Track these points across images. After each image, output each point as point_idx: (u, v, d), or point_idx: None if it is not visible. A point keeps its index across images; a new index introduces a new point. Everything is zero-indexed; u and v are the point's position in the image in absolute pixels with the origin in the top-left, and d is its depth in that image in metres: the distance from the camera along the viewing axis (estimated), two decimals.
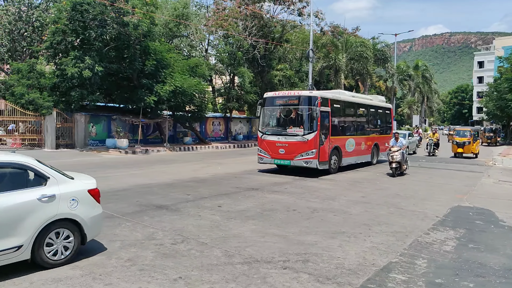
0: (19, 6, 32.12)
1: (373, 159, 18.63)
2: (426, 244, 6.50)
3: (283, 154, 14.05)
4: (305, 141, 13.55)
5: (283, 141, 14.03)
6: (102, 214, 5.76)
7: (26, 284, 4.50)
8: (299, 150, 13.67)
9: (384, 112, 20.53)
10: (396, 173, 14.36)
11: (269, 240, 6.39)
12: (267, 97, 14.94)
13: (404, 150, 14.79)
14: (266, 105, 14.79)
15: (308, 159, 13.59)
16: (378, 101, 20.66)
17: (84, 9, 21.01)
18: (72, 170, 14.28)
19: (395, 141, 14.95)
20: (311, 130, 13.57)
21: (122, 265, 5.15)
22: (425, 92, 66.17)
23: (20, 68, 23.21)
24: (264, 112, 14.87)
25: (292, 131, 13.90)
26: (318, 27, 37.98)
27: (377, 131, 19.38)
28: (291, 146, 13.85)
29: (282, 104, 14.65)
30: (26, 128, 23.29)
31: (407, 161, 15.30)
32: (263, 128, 14.83)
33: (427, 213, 8.78)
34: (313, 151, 13.54)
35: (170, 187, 11.25)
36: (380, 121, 20.01)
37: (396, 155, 14.29)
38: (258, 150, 14.87)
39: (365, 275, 5.09)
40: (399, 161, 14.26)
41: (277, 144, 14.14)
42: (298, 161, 13.80)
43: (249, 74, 31.67)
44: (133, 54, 22.96)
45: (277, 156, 14.20)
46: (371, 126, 18.89)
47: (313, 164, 13.62)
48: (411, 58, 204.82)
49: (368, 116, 18.66)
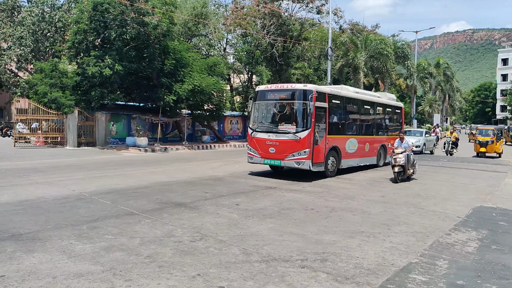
0: (43, 7, 32.90)
1: (380, 161, 17.35)
2: (447, 245, 6.39)
3: (274, 153, 12.79)
4: (297, 140, 12.30)
5: (274, 139, 12.79)
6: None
7: (49, 279, 4.60)
8: (291, 149, 12.43)
9: (393, 111, 19.13)
10: (398, 178, 12.75)
11: (287, 239, 6.38)
12: (259, 90, 13.74)
13: (410, 152, 13.17)
14: (258, 100, 13.56)
15: (300, 159, 12.34)
16: (387, 98, 19.33)
17: (105, 8, 21.35)
18: (93, 168, 14.60)
19: (400, 142, 13.30)
20: (305, 127, 12.31)
21: (141, 262, 5.22)
22: (447, 90, 64.90)
23: (43, 68, 23.76)
24: (256, 107, 13.65)
25: (284, 128, 12.65)
26: (337, 25, 37.75)
27: (385, 131, 18.06)
28: (282, 144, 12.62)
29: (274, 98, 13.36)
30: (49, 127, 23.83)
31: (414, 165, 13.55)
32: (254, 124, 13.56)
33: (448, 213, 8.63)
34: (306, 151, 12.30)
35: (189, 185, 11.34)
36: (388, 120, 18.61)
37: (399, 158, 12.69)
38: (248, 149, 13.69)
39: (385, 275, 5.03)
40: (402, 164, 12.66)
41: (268, 142, 12.91)
42: (289, 162, 12.56)
43: (267, 73, 31.65)
44: (152, 53, 23.23)
45: (267, 155, 12.96)
46: (378, 125, 17.48)
47: (306, 165, 12.36)
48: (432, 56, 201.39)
49: (375, 115, 17.22)
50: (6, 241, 5.91)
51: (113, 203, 8.65)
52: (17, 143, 22.79)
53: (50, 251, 5.51)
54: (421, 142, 24.65)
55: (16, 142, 22.86)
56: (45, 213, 7.62)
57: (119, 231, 6.54)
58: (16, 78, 36.55)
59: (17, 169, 13.88)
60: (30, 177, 12.03)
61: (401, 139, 13.28)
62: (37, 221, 7.02)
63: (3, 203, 8.37)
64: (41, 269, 4.87)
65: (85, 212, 7.80)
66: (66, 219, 7.19)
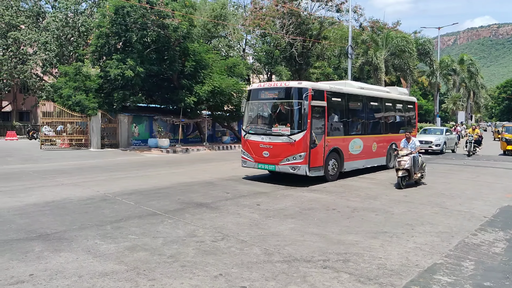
0: (66, 12, 33.70)
1: (390, 162, 15.75)
2: (474, 245, 6.24)
3: (268, 157, 11.76)
4: (292, 142, 11.24)
5: (268, 142, 11.76)
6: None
7: (75, 278, 4.71)
8: (285, 153, 11.39)
9: (405, 106, 17.29)
10: (403, 183, 11.32)
11: (308, 239, 6.35)
12: (252, 89, 12.76)
13: (417, 154, 11.66)
14: (251, 99, 12.59)
15: (296, 164, 11.27)
16: (397, 93, 17.52)
17: (126, 12, 21.72)
18: (116, 169, 14.86)
19: (406, 142, 11.87)
20: (300, 128, 11.22)
21: (164, 261, 5.29)
22: (471, 87, 63.38)
23: (67, 71, 24.32)
24: (249, 107, 12.68)
25: (278, 130, 11.61)
26: (357, 23, 37.43)
27: (396, 129, 16.36)
28: (276, 148, 11.59)
29: (267, 98, 12.31)
30: (73, 129, 24.38)
31: (423, 168, 12.12)
32: (247, 126, 12.57)
33: (474, 213, 8.43)
34: (302, 155, 11.20)
35: (210, 185, 11.42)
36: (399, 117, 17.01)
37: (404, 161, 11.24)
38: (242, 152, 12.65)
39: (408, 276, 4.95)
40: (407, 168, 11.23)
41: (261, 145, 11.89)
42: (284, 166, 11.51)
43: (286, 73, 31.59)
44: (173, 55, 23.48)
45: (261, 159, 11.92)
46: (387, 123, 15.89)
47: (302, 170, 11.29)
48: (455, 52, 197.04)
49: (383, 112, 15.67)
50: (34, 240, 6.08)
51: (136, 203, 8.79)
52: (43, 145, 23.39)
53: (76, 250, 5.64)
54: (441, 141, 23.30)
55: (42, 145, 23.47)
56: (71, 214, 7.81)
57: (142, 231, 6.64)
58: (42, 82, 37.56)
59: (43, 170, 14.25)
60: (56, 179, 12.34)
61: (408, 139, 11.88)
62: (63, 222, 7.20)
63: (31, 204, 8.62)
64: (68, 268, 5.00)
65: (109, 212, 7.96)
66: (91, 220, 7.35)
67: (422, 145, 21.87)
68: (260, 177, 13.25)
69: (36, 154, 20.22)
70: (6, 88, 38.15)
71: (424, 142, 22.08)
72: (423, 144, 21.83)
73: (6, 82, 37.70)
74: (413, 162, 11.45)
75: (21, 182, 11.69)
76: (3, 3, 34.98)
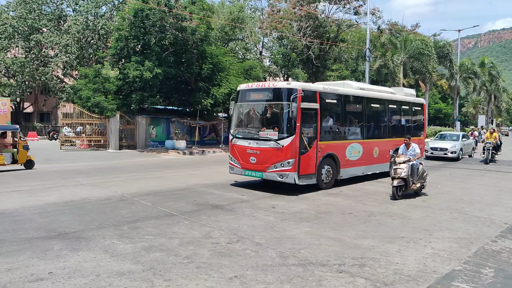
0: (87, 15, 34.36)
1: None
2: (493, 252, 6.11)
3: (254, 163, 10.86)
4: (280, 148, 10.30)
5: (255, 147, 10.83)
6: None
7: (92, 277, 4.79)
8: (273, 160, 10.46)
9: (411, 108, 16.02)
10: (398, 193, 10.10)
11: (324, 243, 6.32)
12: (240, 90, 11.78)
13: (417, 162, 10.46)
14: (239, 101, 11.68)
15: (284, 171, 10.32)
16: (403, 94, 16.23)
17: (145, 14, 22.02)
18: (134, 170, 15.04)
19: (405, 148, 10.70)
20: (288, 133, 10.29)
21: (180, 262, 5.33)
22: (492, 91, 62.13)
23: (87, 74, 24.77)
24: (236, 110, 11.79)
25: (265, 135, 10.68)
26: (375, 25, 37.05)
27: (401, 133, 14.81)
28: (263, 153, 10.66)
29: (255, 99, 11.44)
30: (92, 130, 24.79)
31: (424, 177, 10.83)
32: (235, 130, 11.71)
33: (494, 219, 8.24)
34: (290, 161, 10.25)
35: (226, 187, 11.46)
36: (405, 120, 15.67)
37: (400, 169, 10.03)
38: (229, 158, 11.80)
39: (426, 282, 4.87)
40: (404, 177, 10.00)
41: (248, 150, 10.97)
42: (271, 174, 10.56)
43: (303, 75, 31.52)
44: (190, 58, 23.70)
45: (248, 166, 11.03)
46: (391, 126, 14.74)
47: (290, 178, 10.33)
48: (476, 55, 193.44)
49: (386, 114, 14.48)
50: (53, 239, 6.21)
51: (153, 204, 8.88)
52: (63, 146, 23.84)
53: (93, 250, 5.73)
54: (457, 148, 21.51)
55: (62, 145, 23.93)
56: (89, 213, 7.94)
57: (159, 231, 6.71)
58: (62, 84, 38.30)
59: (63, 171, 14.53)
60: (75, 179, 12.56)
61: (407, 145, 10.73)
62: (81, 221, 7.33)
63: (51, 203, 8.79)
64: (86, 267, 5.08)
65: (127, 213, 8.06)
66: (108, 220, 7.45)
67: (437, 152, 21.27)
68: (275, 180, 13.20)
69: (56, 155, 20.62)
70: (28, 89, 39.03)
71: (439, 149, 21.41)
72: (438, 151, 21.32)
73: (28, 84, 38.57)
74: (411, 171, 10.22)
75: (41, 181, 11.95)
76: (26, 7, 35.83)
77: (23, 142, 14.68)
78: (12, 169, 14.48)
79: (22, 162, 14.67)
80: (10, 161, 14.44)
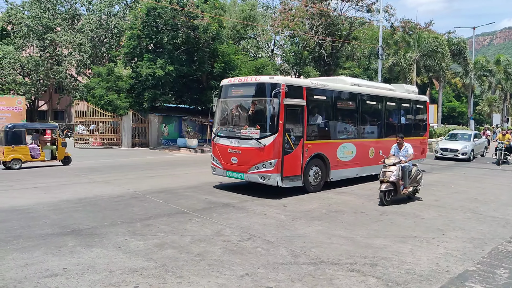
0: (100, 15, 34.71)
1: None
2: (508, 253, 6.02)
3: (236, 164, 10.16)
4: (261, 147, 9.54)
5: (236, 147, 10.13)
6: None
7: (106, 273, 4.85)
8: (254, 160, 9.71)
9: (413, 106, 15.11)
10: (386, 199, 9.13)
11: (335, 242, 6.30)
12: (223, 85, 11.04)
13: (409, 164, 9.56)
14: (222, 97, 10.96)
15: (265, 172, 9.56)
16: (404, 91, 15.35)
17: (158, 13, 22.16)
18: (146, 168, 15.15)
19: (398, 148, 9.86)
20: (271, 131, 9.51)
21: (192, 259, 5.36)
22: (507, 89, 60.92)
23: (100, 72, 25.05)
24: (220, 106, 11.08)
25: (246, 133, 9.95)
26: (388, 23, 36.73)
27: (401, 132, 12.70)
28: (245, 153, 9.93)
29: (238, 95, 10.71)
30: (106, 128, 25.06)
31: (418, 181, 9.87)
32: (218, 128, 11.01)
33: (509, 219, 8.12)
34: (272, 162, 9.48)
35: (236, 185, 11.48)
36: (405, 118, 14.76)
37: (390, 171, 9.12)
38: (211, 158, 11.16)
39: (438, 282, 4.83)
40: (393, 181, 9.05)
41: (230, 150, 10.27)
42: (252, 175, 9.80)
43: (315, 73, 31.41)
44: (202, 56, 23.79)
45: (230, 166, 10.32)
46: (389, 125, 13.85)
47: (272, 180, 9.55)
48: (491, 53, 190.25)
49: (384, 112, 13.57)
50: (67, 235, 6.30)
51: (165, 202, 8.95)
52: (77, 144, 24.15)
53: (107, 246, 5.80)
54: (468, 149, 20.53)
55: (76, 143, 24.24)
56: (102, 211, 8.03)
57: (171, 229, 6.76)
58: (76, 82, 38.80)
59: (77, 168, 14.72)
60: (88, 176, 12.72)
61: (399, 145, 9.88)
62: (95, 218, 7.42)
63: (65, 200, 8.92)
64: (99, 263, 5.15)
65: (139, 210, 8.14)
66: (121, 217, 7.54)
67: (447, 153, 20.58)
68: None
69: (70, 152, 20.84)
70: (42, 88, 39.61)
71: (449, 150, 20.62)
72: (448, 152, 20.61)
73: (42, 82, 39.15)
74: (402, 174, 9.35)
75: (55, 178, 12.12)
76: (41, 7, 36.33)
77: (61, 140, 15.34)
78: (51, 165, 15.01)
79: (61, 158, 15.27)
80: (50, 157, 15.04)
